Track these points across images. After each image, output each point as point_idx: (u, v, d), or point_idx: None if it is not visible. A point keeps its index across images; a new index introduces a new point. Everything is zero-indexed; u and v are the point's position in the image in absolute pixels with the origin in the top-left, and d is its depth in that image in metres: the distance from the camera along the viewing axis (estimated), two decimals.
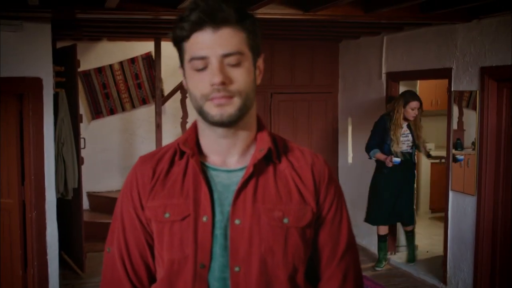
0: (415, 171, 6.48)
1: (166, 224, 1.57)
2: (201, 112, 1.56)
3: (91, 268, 6.36)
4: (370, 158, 6.26)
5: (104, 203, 8.05)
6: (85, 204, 8.08)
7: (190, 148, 1.61)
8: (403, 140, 6.17)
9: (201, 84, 1.51)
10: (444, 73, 5.69)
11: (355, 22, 5.66)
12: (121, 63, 8.29)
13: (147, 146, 8.28)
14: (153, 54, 7.47)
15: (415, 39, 6.17)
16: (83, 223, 6.08)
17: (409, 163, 6.23)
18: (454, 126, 5.60)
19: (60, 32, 6.40)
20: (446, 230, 5.75)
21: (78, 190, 5.94)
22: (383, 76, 6.77)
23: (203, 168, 1.60)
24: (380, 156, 6.16)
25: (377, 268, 6.40)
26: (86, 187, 8.00)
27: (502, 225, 5.18)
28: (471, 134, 5.54)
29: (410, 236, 6.48)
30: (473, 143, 5.50)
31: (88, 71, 8.15)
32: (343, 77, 7.72)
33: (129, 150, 8.48)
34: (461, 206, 5.54)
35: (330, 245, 1.64)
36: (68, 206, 6.20)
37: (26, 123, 5.09)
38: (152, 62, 8.03)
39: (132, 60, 8.31)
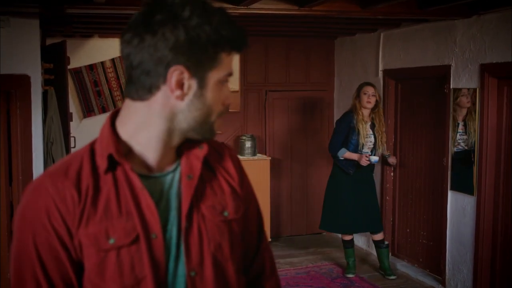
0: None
1: (111, 252, 1.36)
2: (204, 126, 1.43)
3: None
4: (335, 158, 5.98)
5: None
6: None
7: (122, 159, 1.40)
8: (366, 141, 5.94)
9: (220, 100, 1.42)
10: (442, 71, 5.57)
11: (351, 18, 5.55)
12: (113, 60, 8.13)
13: None
14: None
15: (412, 35, 6.05)
16: None
17: (371, 166, 6.03)
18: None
19: (50, 28, 6.28)
20: (444, 231, 5.64)
21: None
22: (380, 74, 6.65)
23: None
24: (351, 155, 5.88)
25: (349, 276, 6.12)
26: None
27: (502, 226, 5.08)
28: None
29: (384, 247, 6.10)
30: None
31: (79, 69, 7.99)
32: (339, 74, 7.61)
33: None
34: (460, 206, 5.43)
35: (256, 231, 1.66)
36: None
37: (13, 122, 4.94)
38: None
39: None
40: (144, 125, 1.41)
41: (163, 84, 1.35)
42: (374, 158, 5.82)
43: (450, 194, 5.56)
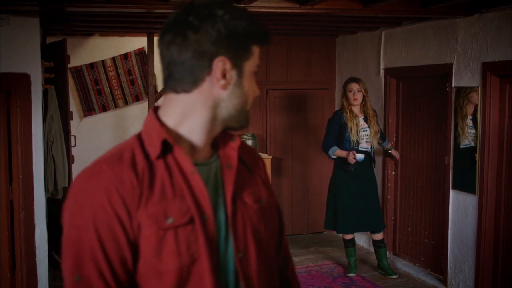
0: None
1: (170, 231, 1.43)
2: (242, 114, 1.55)
3: None
4: (329, 157, 5.96)
5: None
6: None
7: (175, 144, 1.50)
8: (362, 135, 5.88)
9: (253, 89, 1.56)
10: (444, 69, 5.55)
11: (353, 16, 5.54)
12: (113, 58, 8.11)
13: None
14: (146, 49, 7.32)
15: (414, 34, 6.02)
16: None
17: (369, 162, 5.99)
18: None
19: (51, 27, 6.26)
20: (446, 230, 5.62)
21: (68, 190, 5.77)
22: (382, 72, 6.63)
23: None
24: (341, 153, 5.83)
25: (350, 275, 6.08)
26: None
27: (504, 225, 5.05)
28: None
29: (383, 247, 6.07)
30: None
31: (80, 67, 7.98)
32: (340, 73, 7.59)
33: None
34: (462, 206, 5.41)
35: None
36: (59, 205, 6.04)
37: (13, 121, 4.92)
38: (145, 57, 7.87)
39: (125, 56, 8.14)
40: (189, 115, 1.51)
41: (208, 76, 1.47)
42: (359, 156, 5.70)
43: (451, 193, 5.54)
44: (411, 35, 6.08)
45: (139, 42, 7.99)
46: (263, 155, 7.14)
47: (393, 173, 6.60)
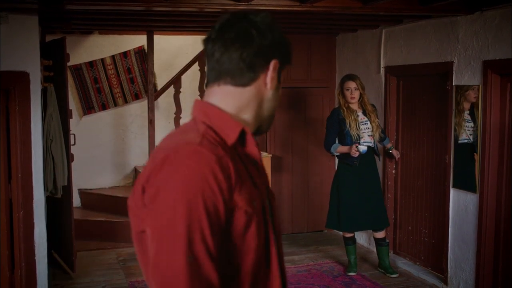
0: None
1: (254, 214, 1.52)
2: (271, 118, 1.71)
3: (82, 268, 6.21)
4: (332, 155, 5.97)
5: (96, 201, 7.90)
6: (77, 201, 7.96)
7: (250, 133, 1.62)
8: (363, 129, 5.83)
9: (280, 98, 1.73)
10: (445, 67, 5.53)
11: (353, 14, 5.52)
12: (113, 57, 8.10)
13: (140, 142, 8.13)
14: (145, 47, 7.30)
15: (414, 32, 6.00)
16: (73, 222, 5.90)
17: (372, 157, 5.94)
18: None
19: (50, 25, 6.24)
20: (447, 229, 5.60)
21: (68, 188, 5.76)
22: (382, 71, 6.61)
23: None
24: (343, 148, 5.83)
25: (350, 274, 6.03)
26: (78, 184, 7.86)
27: (505, 224, 5.03)
28: None
29: (385, 245, 6.04)
30: None
31: (79, 65, 7.97)
32: (340, 71, 7.55)
33: (121, 146, 8.31)
34: (463, 204, 5.39)
35: None
36: (59, 204, 6.03)
37: (12, 119, 4.91)
38: (145, 56, 7.86)
39: (125, 54, 8.13)
40: (245, 109, 1.63)
41: (263, 74, 1.62)
42: (362, 148, 5.67)
43: (452, 191, 5.52)
44: (411, 33, 6.06)
45: (139, 40, 7.98)
46: (263, 154, 7.12)
47: (393, 171, 6.59)
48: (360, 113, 5.85)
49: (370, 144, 5.85)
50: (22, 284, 5.02)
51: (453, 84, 5.42)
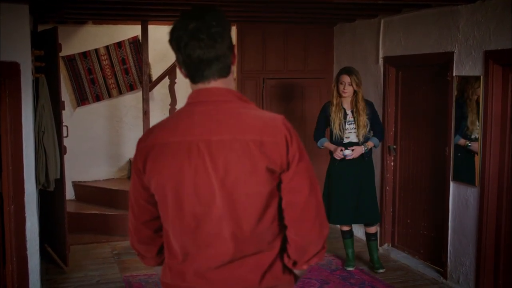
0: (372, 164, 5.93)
1: None
2: None
3: (75, 262, 6.11)
4: (320, 147, 5.87)
5: (91, 193, 7.80)
6: (71, 194, 7.87)
7: None
8: (349, 128, 5.68)
9: None
10: (445, 58, 5.42)
11: (351, 3, 5.41)
12: (107, 47, 7.98)
13: (135, 133, 8.02)
14: (140, 37, 7.17)
15: (414, 21, 5.89)
16: (66, 215, 5.79)
17: (368, 152, 5.75)
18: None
19: (42, 15, 6.11)
20: (446, 222, 5.51)
21: (60, 181, 5.64)
22: (380, 61, 6.50)
23: None
24: (329, 145, 5.75)
25: (348, 268, 5.93)
26: (72, 176, 7.77)
27: (506, 218, 4.94)
28: None
29: (374, 240, 5.93)
30: None
31: (73, 56, 7.84)
32: (338, 62, 7.45)
33: (116, 138, 8.20)
34: (463, 197, 5.29)
35: None
36: (51, 197, 5.93)
37: (3, 111, 4.78)
38: (139, 46, 7.73)
39: (119, 44, 8.00)
40: None
41: (232, 63, 2.02)
42: (346, 152, 5.59)
43: (452, 184, 5.42)
44: (411, 23, 5.94)
45: (133, 30, 7.86)
46: None
47: (392, 163, 6.49)
48: (349, 112, 5.68)
49: (357, 142, 5.68)
50: (13, 279, 4.91)
51: (454, 75, 5.31)
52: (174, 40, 1.92)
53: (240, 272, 1.96)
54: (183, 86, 7.77)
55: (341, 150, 5.59)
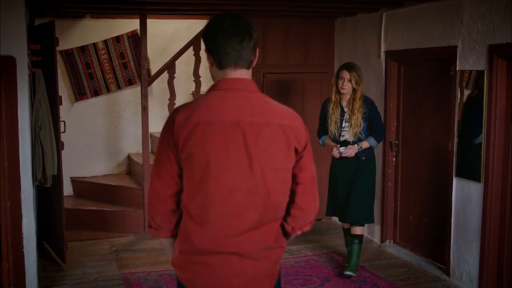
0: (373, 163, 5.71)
1: None
2: None
3: (73, 259, 6.04)
4: (322, 145, 5.76)
5: (89, 189, 7.72)
6: (69, 190, 7.79)
7: None
8: (345, 127, 5.51)
9: None
10: (448, 52, 5.33)
11: None
12: (105, 41, 7.88)
13: (133, 129, 7.94)
14: (139, 32, 7.07)
15: (416, 15, 5.80)
16: (63, 212, 5.70)
17: (369, 152, 5.58)
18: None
19: (40, 8, 6.03)
20: (449, 219, 5.43)
21: (58, 177, 5.56)
22: (382, 55, 6.41)
23: None
24: (329, 143, 5.64)
25: (347, 273, 5.57)
26: (70, 172, 7.70)
27: (510, 214, 4.87)
28: None
29: (356, 244, 5.62)
30: None
31: (71, 50, 7.74)
32: (339, 56, 7.37)
33: (114, 133, 8.11)
34: (466, 193, 5.21)
35: None
36: (49, 193, 5.85)
37: None
38: (138, 40, 7.63)
39: (117, 39, 7.90)
40: None
41: (253, 58, 2.41)
42: (341, 149, 5.46)
43: (455, 180, 5.34)
44: (413, 16, 5.86)
45: (132, 24, 7.76)
46: None
47: (394, 159, 6.41)
48: (347, 109, 5.51)
49: (352, 139, 5.50)
50: (10, 277, 4.83)
51: (457, 69, 5.23)
52: (217, 33, 2.29)
53: (259, 235, 2.31)
54: (182, 81, 7.70)
55: (337, 148, 5.50)
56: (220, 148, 2.21)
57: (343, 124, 5.52)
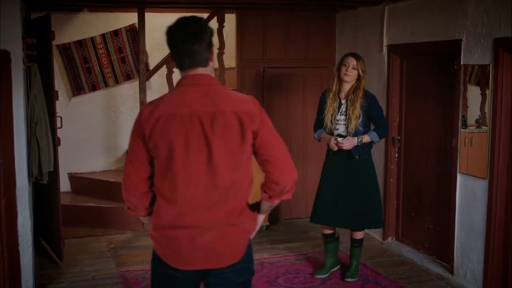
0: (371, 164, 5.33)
1: None
2: None
3: (70, 256, 5.95)
4: (318, 140, 5.38)
5: (87, 185, 7.63)
6: (67, 186, 7.70)
7: None
8: (340, 119, 5.14)
9: None
10: (452, 46, 5.23)
11: None
12: (103, 35, 7.77)
13: (132, 124, 7.74)
14: (137, 26, 6.97)
15: (420, 8, 5.69)
16: (60, 209, 5.59)
17: (348, 152, 5.14)
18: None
19: (36, 2, 5.92)
20: (453, 216, 5.33)
21: (54, 173, 5.46)
22: (384, 49, 6.31)
23: None
24: (325, 136, 5.20)
25: (318, 276, 5.38)
26: (68, 168, 7.61)
27: None
28: (474, 111, 5.13)
29: (356, 247, 5.37)
30: (477, 121, 5.10)
31: (68, 44, 7.63)
32: (340, 50, 7.25)
33: (113, 128, 8.01)
34: (470, 190, 5.11)
35: None
36: (46, 189, 5.75)
37: None
38: (136, 34, 7.52)
39: (115, 33, 7.79)
40: None
41: (211, 55, 2.67)
42: (339, 139, 5.05)
43: (459, 177, 5.24)
44: (416, 9, 5.75)
45: (130, 18, 7.65)
46: None
47: (396, 155, 6.31)
48: (344, 101, 5.15)
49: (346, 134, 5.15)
50: (5, 275, 4.72)
51: (461, 63, 5.12)
52: (172, 39, 2.60)
53: (222, 212, 2.60)
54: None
55: (335, 139, 5.08)
56: (181, 137, 2.53)
57: (338, 117, 5.15)
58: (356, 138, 5.07)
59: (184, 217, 2.58)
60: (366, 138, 5.10)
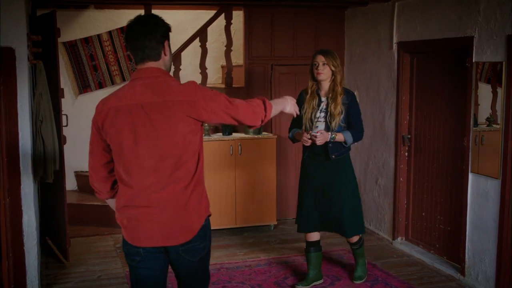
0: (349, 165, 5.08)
1: None
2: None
3: (76, 255, 5.90)
4: (292, 141, 5.16)
5: None
6: (73, 184, 7.66)
7: None
8: (320, 117, 4.91)
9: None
10: (464, 43, 5.13)
11: None
12: (109, 32, 7.71)
13: None
14: None
15: (430, 4, 5.59)
16: (66, 208, 5.53)
17: (326, 153, 4.93)
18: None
19: None
20: (464, 216, 5.24)
21: (60, 172, 5.40)
22: (394, 46, 6.21)
23: None
24: (299, 134, 4.98)
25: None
26: (74, 166, 7.56)
27: None
28: (485, 109, 5.03)
29: (356, 249, 5.21)
30: (488, 119, 5.01)
31: (74, 42, 7.58)
32: (350, 48, 7.17)
33: None
34: (483, 190, 5.02)
35: None
36: (52, 188, 5.69)
37: None
38: None
39: (122, 30, 7.72)
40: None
41: (163, 50, 2.87)
42: (313, 133, 4.78)
43: (471, 176, 5.15)
44: (427, 5, 5.65)
45: (136, 14, 7.56)
46: (268, 135, 6.78)
47: (406, 154, 6.21)
48: (324, 99, 4.92)
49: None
50: (10, 276, 4.67)
51: (473, 60, 5.02)
52: (127, 35, 2.83)
53: (174, 192, 2.79)
54: (189, 73, 7.53)
55: (308, 133, 4.81)
56: (128, 126, 2.76)
57: (317, 114, 4.92)
58: (329, 133, 4.83)
59: (138, 198, 2.80)
60: (339, 136, 4.85)
